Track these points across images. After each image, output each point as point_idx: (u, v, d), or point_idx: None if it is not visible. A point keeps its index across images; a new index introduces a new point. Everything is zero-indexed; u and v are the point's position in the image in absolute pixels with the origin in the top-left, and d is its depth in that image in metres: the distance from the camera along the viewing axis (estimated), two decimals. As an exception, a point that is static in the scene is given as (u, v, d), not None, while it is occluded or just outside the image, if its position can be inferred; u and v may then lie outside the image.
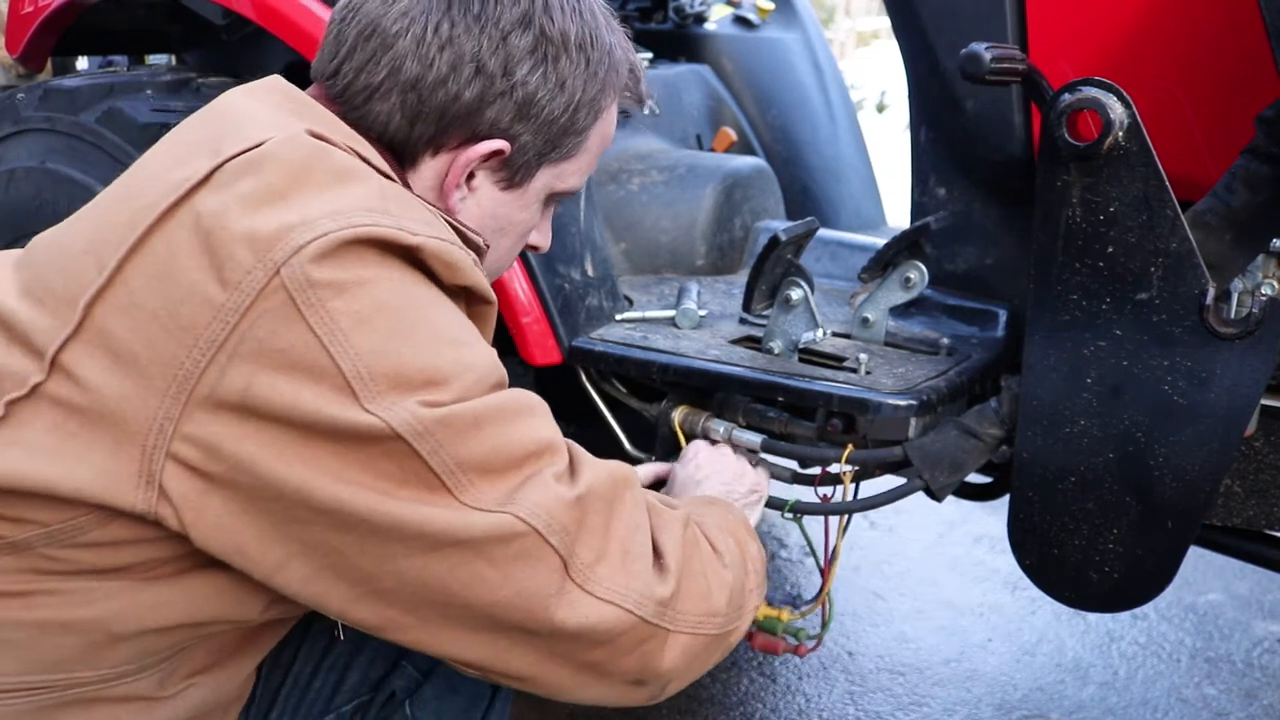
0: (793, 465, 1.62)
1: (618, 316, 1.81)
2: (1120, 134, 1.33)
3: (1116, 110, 1.32)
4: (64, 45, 2.26)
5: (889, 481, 1.54)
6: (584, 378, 1.76)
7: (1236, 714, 2.25)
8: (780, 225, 1.97)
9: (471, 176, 1.12)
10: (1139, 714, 2.26)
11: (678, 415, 1.63)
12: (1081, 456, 1.44)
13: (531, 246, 1.26)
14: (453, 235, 1.03)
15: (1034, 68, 1.43)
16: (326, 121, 1.05)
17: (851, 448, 1.53)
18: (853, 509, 1.54)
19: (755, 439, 1.57)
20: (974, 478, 1.66)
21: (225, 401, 0.90)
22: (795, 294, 1.65)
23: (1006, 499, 1.57)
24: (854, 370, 1.62)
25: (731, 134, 2.43)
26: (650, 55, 2.52)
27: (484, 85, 1.07)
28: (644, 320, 1.81)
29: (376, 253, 0.94)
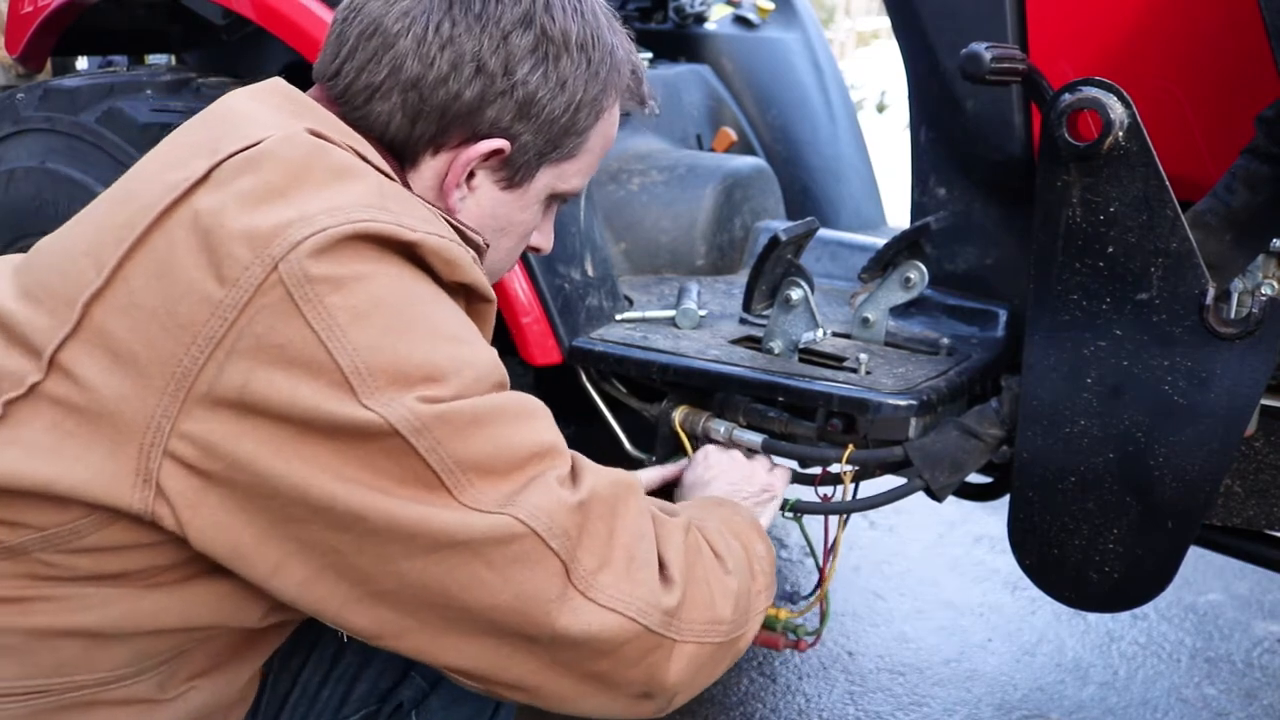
0: (793, 465, 1.62)
1: (618, 316, 1.81)
2: (1120, 134, 1.33)
3: (1116, 110, 1.32)
4: (64, 45, 2.26)
5: (889, 481, 1.54)
6: (584, 378, 1.76)
7: (1236, 714, 2.26)
8: (780, 225, 1.97)
9: (472, 176, 1.12)
10: (1139, 714, 2.26)
11: (678, 415, 1.63)
12: (1081, 456, 1.44)
13: (533, 248, 1.26)
14: (452, 233, 1.03)
15: (1034, 68, 1.43)
16: (326, 122, 1.05)
17: (852, 448, 1.53)
18: (852, 508, 1.54)
19: (756, 439, 1.57)
20: (974, 478, 1.66)
21: (223, 399, 0.90)
22: (795, 294, 1.65)
23: (1006, 499, 1.57)
24: (854, 370, 1.62)
25: (731, 134, 2.43)
26: (650, 55, 2.52)
27: (485, 84, 1.07)
28: (644, 320, 1.81)
29: (374, 248, 0.94)
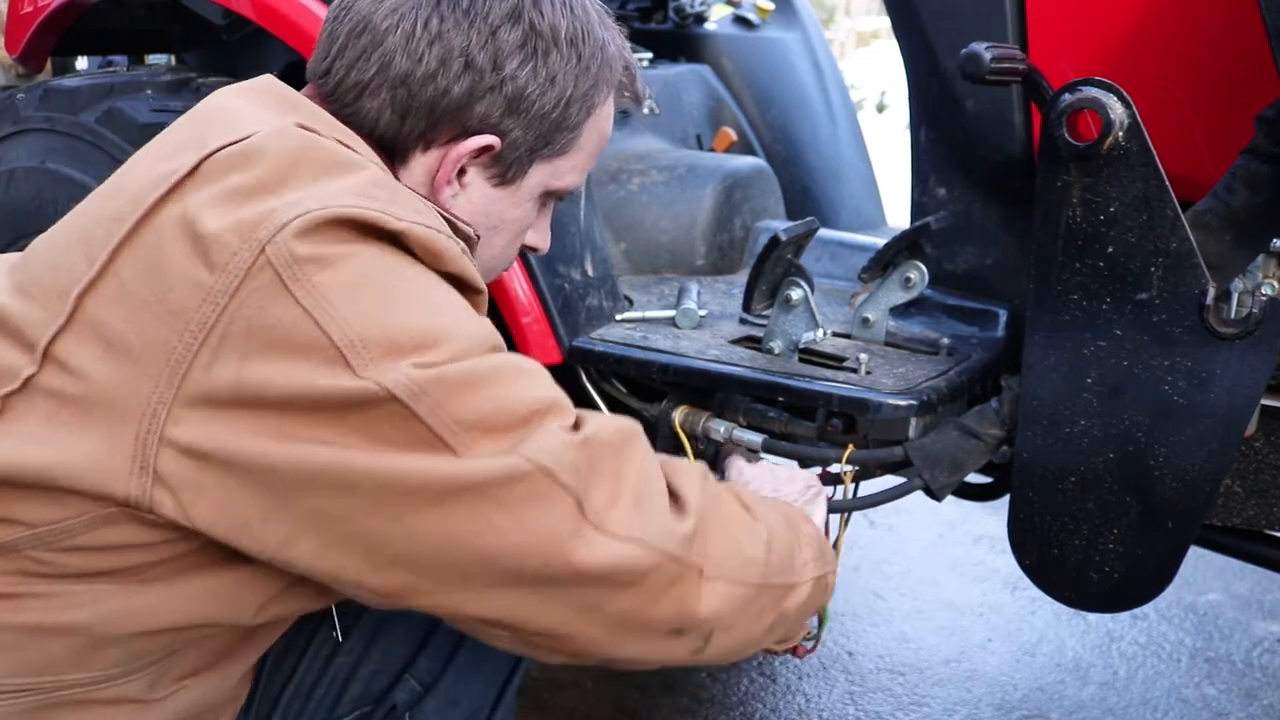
0: (793, 465, 1.62)
1: (618, 316, 1.81)
2: (1120, 134, 1.33)
3: (1116, 110, 1.32)
4: (64, 45, 2.26)
5: (889, 480, 1.54)
6: (584, 378, 1.76)
7: (1236, 714, 2.26)
8: (780, 225, 1.97)
9: (463, 173, 1.12)
10: (1139, 714, 2.26)
11: (678, 415, 1.63)
12: (1081, 456, 1.44)
13: (530, 247, 1.25)
14: (442, 225, 1.03)
15: (1034, 68, 1.43)
16: (317, 118, 1.05)
17: (852, 448, 1.53)
18: (852, 507, 1.54)
19: (756, 439, 1.57)
20: (974, 478, 1.66)
21: (218, 386, 0.90)
22: (795, 294, 1.65)
23: (1006, 499, 1.57)
24: (854, 370, 1.62)
25: (731, 134, 2.43)
26: (650, 55, 2.52)
27: (473, 80, 1.07)
28: (644, 320, 1.81)
29: (358, 233, 0.94)
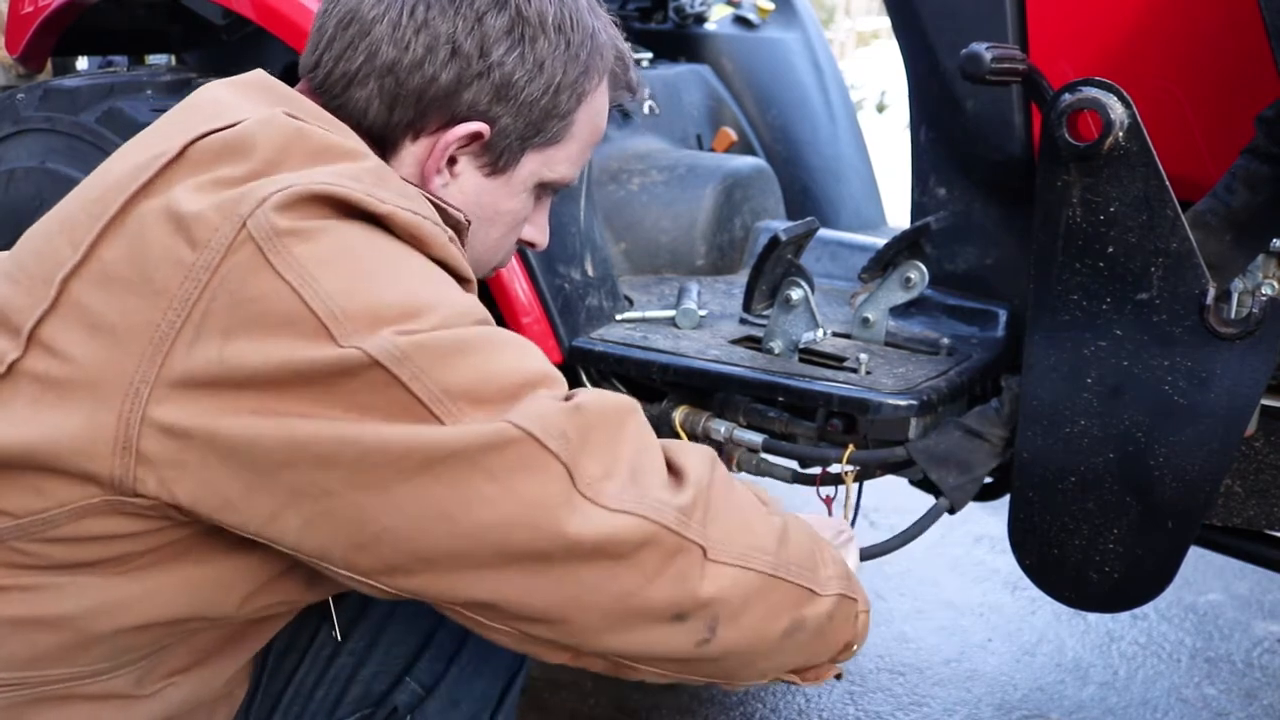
0: (793, 465, 1.62)
1: (618, 316, 1.81)
2: (1120, 134, 1.33)
3: (1116, 110, 1.32)
4: (64, 45, 2.26)
5: (890, 482, 1.54)
6: (584, 378, 1.76)
7: (1236, 714, 2.25)
8: (780, 225, 1.97)
9: (454, 162, 1.12)
10: (1139, 714, 2.26)
11: (678, 415, 1.63)
12: (1081, 456, 1.44)
13: (528, 242, 1.25)
14: (430, 211, 1.02)
15: (1034, 68, 1.43)
16: (306, 110, 1.05)
17: (852, 448, 1.53)
18: (886, 549, 1.54)
19: (756, 439, 1.57)
20: (974, 477, 1.66)
21: (200, 363, 0.89)
22: (795, 294, 1.65)
23: (1006, 499, 1.57)
24: (854, 370, 1.62)
25: (731, 134, 2.43)
26: (650, 55, 2.52)
27: (460, 67, 1.07)
28: (644, 320, 1.81)
29: (340, 210, 0.93)
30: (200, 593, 1.00)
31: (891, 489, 1.96)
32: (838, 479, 1.57)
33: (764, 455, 1.62)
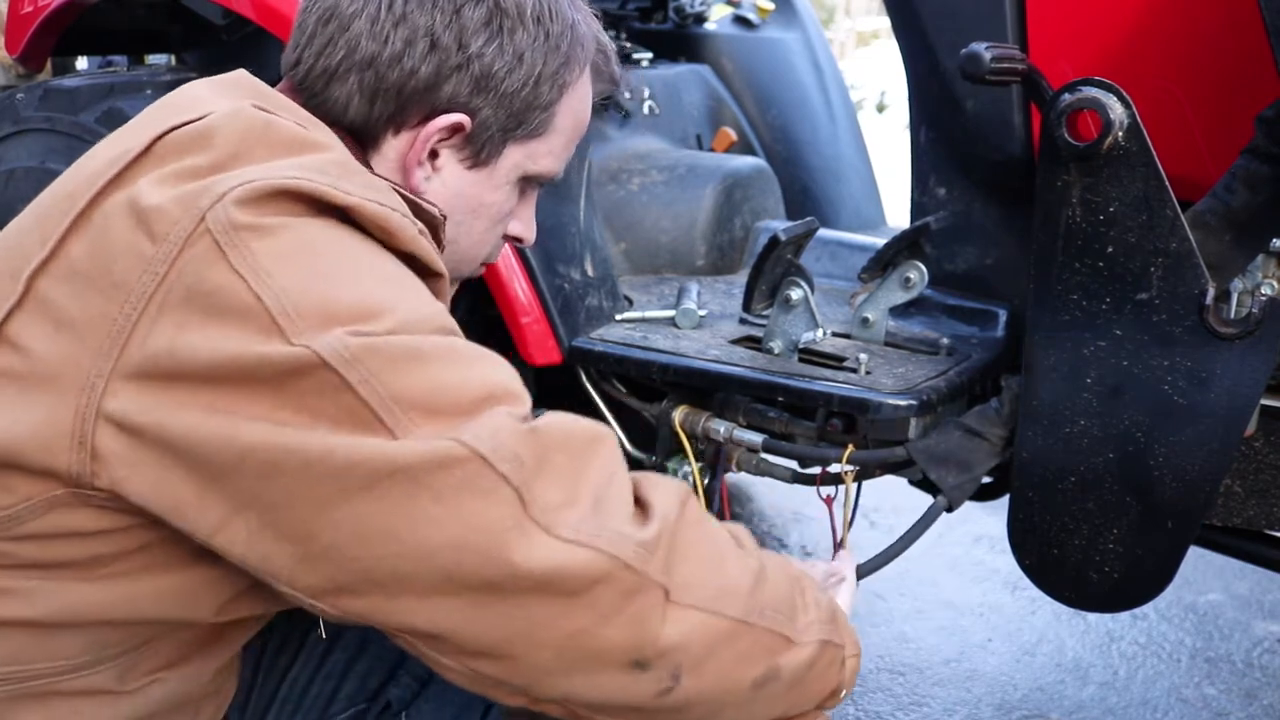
0: (793, 465, 1.62)
1: (618, 316, 1.81)
2: (1120, 134, 1.33)
3: (1116, 110, 1.32)
4: (64, 45, 2.26)
5: (890, 482, 1.54)
6: (584, 378, 1.76)
7: (1236, 714, 2.25)
8: (780, 225, 1.97)
9: (436, 155, 1.11)
10: (1139, 714, 2.26)
11: (678, 415, 1.63)
12: (1081, 456, 1.44)
13: (515, 237, 1.24)
14: (398, 203, 1.01)
15: (1034, 68, 1.43)
16: (279, 104, 1.05)
17: (852, 448, 1.54)
18: (881, 563, 1.57)
19: (756, 439, 1.57)
20: (974, 477, 1.66)
21: (152, 356, 0.88)
22: (795, 294, 1.65)
23: (1006, 499, 1.57)
24: (854, 370, 1.62)
25: (731, 134, 2.44)
26: (650, 55, 2.52)
27: (440, 59, 1.07)
28: (644, 320, 1.81)
29: (303, 205, 0.92)
30: (174, 599, 0.99)
31: (891, 489, 1.97)
32: (837, 479, 1.57)
33: (764, 455, 1.62)
